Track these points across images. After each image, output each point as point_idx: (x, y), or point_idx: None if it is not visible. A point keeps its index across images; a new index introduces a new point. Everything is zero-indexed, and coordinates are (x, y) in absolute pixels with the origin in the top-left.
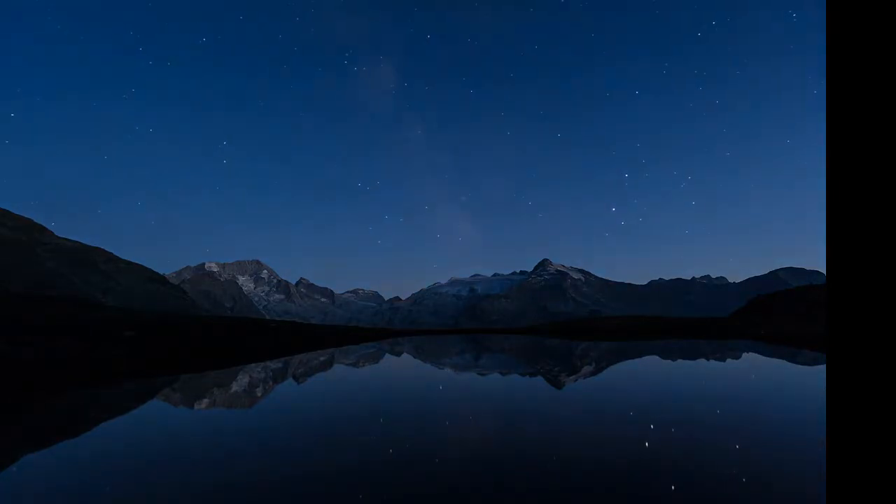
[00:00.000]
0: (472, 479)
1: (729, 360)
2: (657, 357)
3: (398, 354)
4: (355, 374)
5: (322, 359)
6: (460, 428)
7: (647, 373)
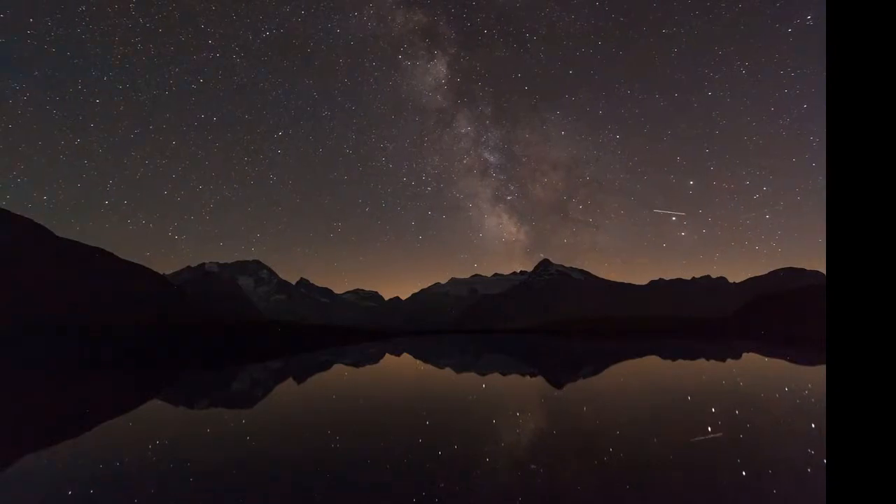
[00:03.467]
0: (472, 479)
1: (729, 361)
2: (657, 357)
3: (398, 355)
4: (355, 375)
5: (322, 359)
6: (461, 429)
7: (648, 373)
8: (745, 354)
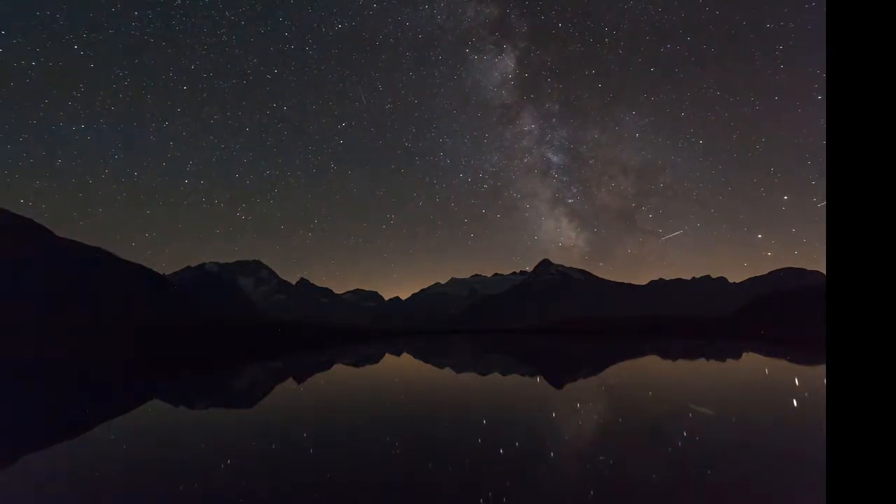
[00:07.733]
0: (473, 479)
1: (729, 361)
2: (657, 357)
3: (398, 355)
4: (356, 375)
5: (322, 359)
6: (461, 429)
7: (648, 373)
8: (745, 354)
